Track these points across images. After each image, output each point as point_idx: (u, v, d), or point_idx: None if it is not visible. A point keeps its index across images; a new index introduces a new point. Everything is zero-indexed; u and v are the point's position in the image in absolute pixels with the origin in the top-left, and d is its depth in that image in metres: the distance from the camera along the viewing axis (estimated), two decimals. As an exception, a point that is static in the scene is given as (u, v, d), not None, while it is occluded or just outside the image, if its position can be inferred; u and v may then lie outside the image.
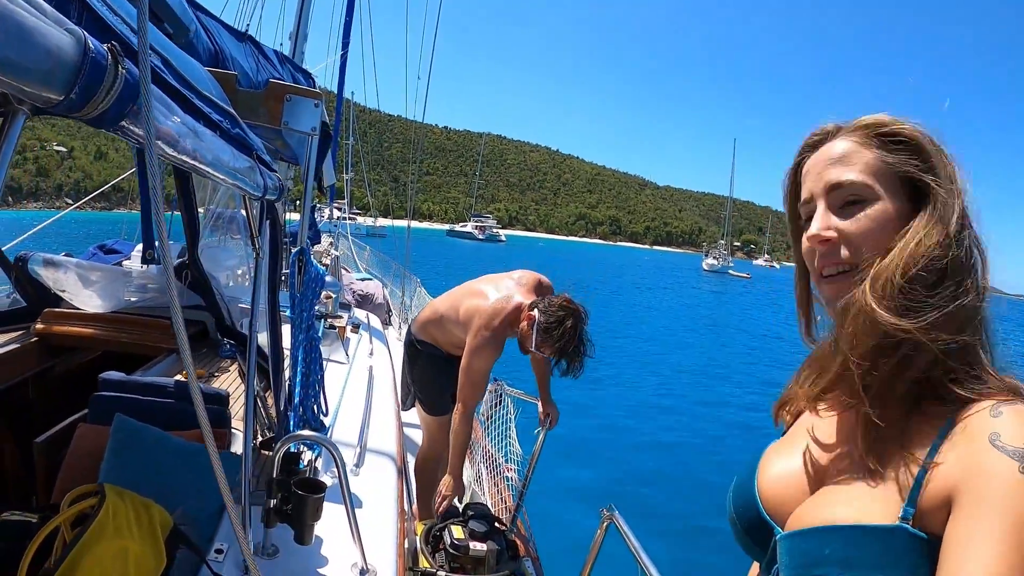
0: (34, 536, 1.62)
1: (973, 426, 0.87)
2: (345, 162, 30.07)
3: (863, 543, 0.90)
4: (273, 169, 2.15)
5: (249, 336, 2.21)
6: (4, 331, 3.62)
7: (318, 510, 2.06)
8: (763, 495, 1.14)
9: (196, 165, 1.34)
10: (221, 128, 1.62)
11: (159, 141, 1.09)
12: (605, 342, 21.31)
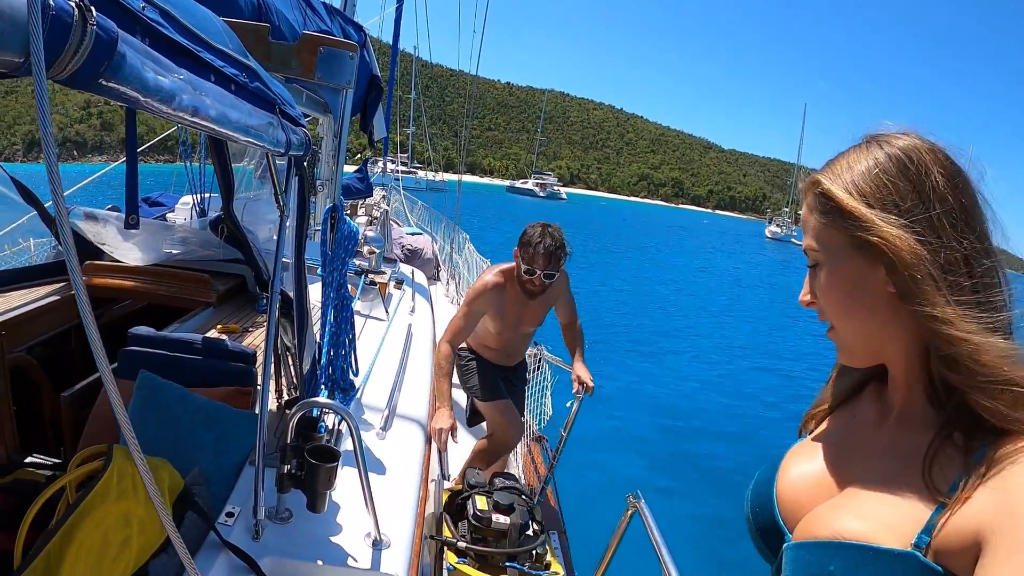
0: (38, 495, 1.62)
1: (1010, 465, 0.81)
2: (407, 116, 30.15)
3: (870, 564, 0.87)
4: (301, 124, 2.08)
5: (270, 296, 2.17)
6: (46, 283, 3.67)
7: (331, 479, 2.02)
8: (780, 498, 1.12)
9: (197, 122, 1.27)
10: (236, 82, 1.55)
11: (150, 99, 1.02)
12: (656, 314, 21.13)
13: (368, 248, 5.43)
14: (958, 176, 0.94)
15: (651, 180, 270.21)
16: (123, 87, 0.91)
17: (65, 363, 3.44)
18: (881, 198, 0.95)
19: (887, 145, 0.98)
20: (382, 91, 5.33)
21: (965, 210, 0.92)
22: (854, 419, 1.12)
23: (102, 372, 0.93)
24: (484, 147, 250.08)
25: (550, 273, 3.80)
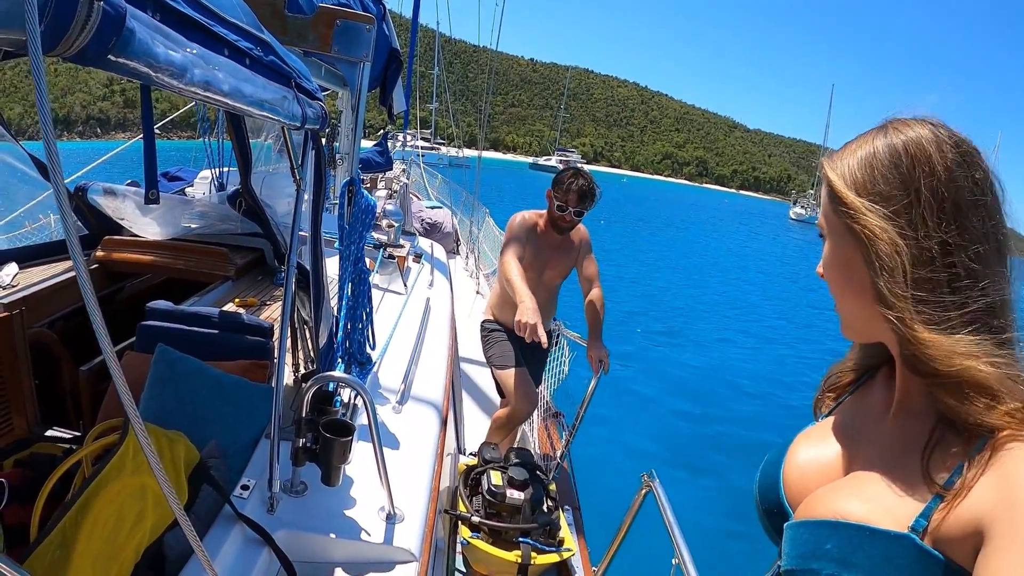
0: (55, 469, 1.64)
1: (1012, 454, 0.81)
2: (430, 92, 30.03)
3: (865, 544, 0.88)
4: (317, 97, 2.08)
5: (287, 269, 2.17)
6: (65, 258, 3.70)
7: (345, 453, 2.03)
8: (786, 481, 1.14)
9: (210, 96, 1.27)
10: (251, 56, 1.55)
11: (161, 74, 1.02)
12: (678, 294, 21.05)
13: (387, 221, 5.42)
14: (962, 174, 0.92)
15: (675, 159, 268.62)
16: (133, 62, 0.91)
17: (85, 338, 3.48)
18: (870, 188, 0.96)
19: (893, 134, 0.98)
20: (401, 65, 5.31)
21: (959, 206, 0.91)
22: (864, 405, 1.13)
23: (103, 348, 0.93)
24: (507, 124, 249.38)
25: (579, 211, 4.05)
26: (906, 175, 0.93)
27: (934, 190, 0.91)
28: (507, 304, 4.34)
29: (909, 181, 0.93)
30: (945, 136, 0.95)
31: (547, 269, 4.22)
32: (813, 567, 0.93)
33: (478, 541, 3.20)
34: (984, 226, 0.91)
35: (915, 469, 0.91)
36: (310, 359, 2.87)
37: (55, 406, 3.05)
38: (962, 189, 0.91)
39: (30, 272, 3.37)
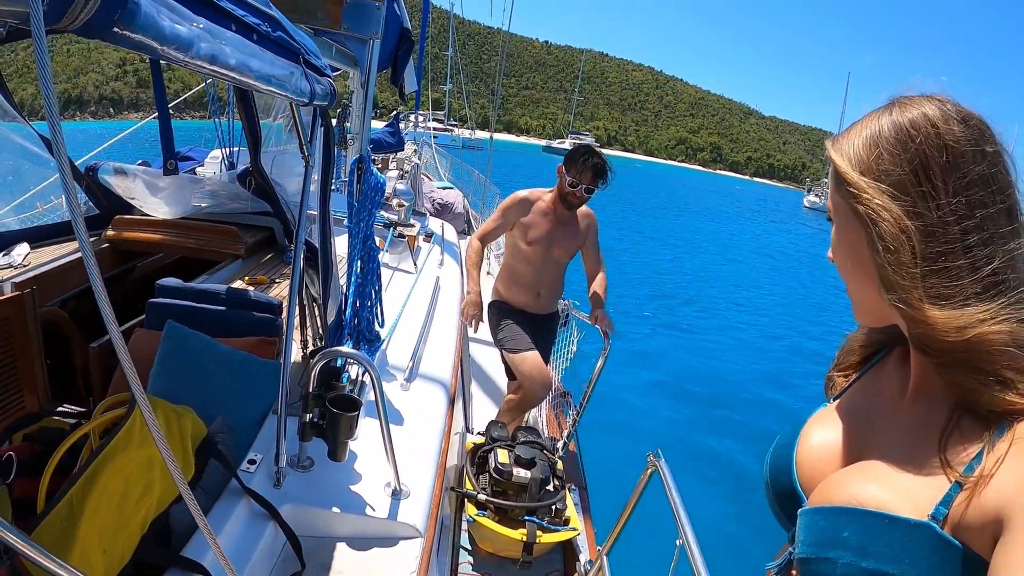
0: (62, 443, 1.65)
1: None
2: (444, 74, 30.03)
3: (885, 532, 0.86)
4: (325, 74, 2.08)
5: (295, 245, 2.19)
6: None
7: (351, 428, 2.05)
8: (799, 464, 1.12)
9: (217, 70, 1.27)
10: (258, 32, 1.55)
11: (167, 47, 1.02)
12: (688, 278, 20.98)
13: (397, 201, 5.43)
14: (971, 149, 0.90)
15: (689, 144, 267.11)
16: (138, 35, 0.91)
17: (96, 316, 3.50)
18: (875, 166, 0.94)
19: (899, 111, 0.95)
20: (413, 44, 5.30)
21: (970, 180, 0.88)
22: (878, 388, 1.11)
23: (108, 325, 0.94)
24: (521, 106, 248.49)
25: (591, 188, 4.09)
26: (912, 152, 0.91)
27: (942, 165, 0.89)
28: (514, 284, 4.36)
29: (915, 157, 0.91)
30: (952, 111, 0.92)
31: (554, 247, 4.21)
32: (830, 556, 0.92)
33: (484, 519, 3.21)
34: (996, 200, 0.89)
35: (933, 455, 0.89)
36: (318, 336, 2.89)
37: (66, 384, 3.07)
38: (971, 165, 0.89)
39: (41, 252, 3.39)
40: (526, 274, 4.31)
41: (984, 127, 0.91)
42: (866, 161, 0.95)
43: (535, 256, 4.20)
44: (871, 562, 0.86)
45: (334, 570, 1.91)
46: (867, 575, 0.86)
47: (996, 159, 0.90)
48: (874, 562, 0.86)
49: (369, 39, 2.64)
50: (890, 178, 0.91)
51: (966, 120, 0.91)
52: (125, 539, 1.54)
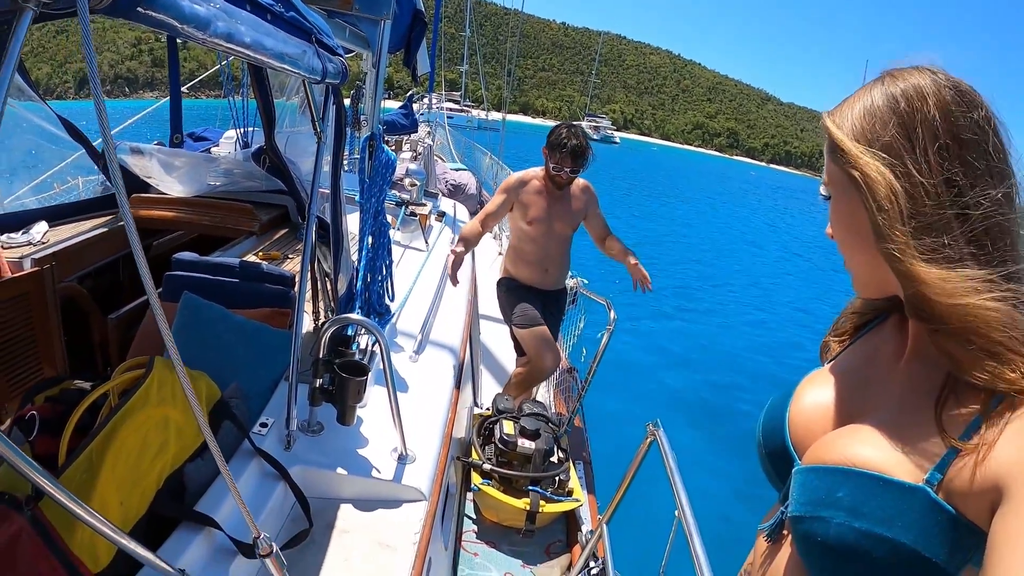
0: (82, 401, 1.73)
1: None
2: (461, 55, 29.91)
3: (878, 494, 0.88)
4: (337, 53, 2.14)
5: (307, 217, 2.25)
6: (95, 216, 3.81)
7: (359, 392, 2.12)
8: (792, 424, 1.13)
9: (232, 47, 1.34)
10: (272, 12, 1.61)
11: (186, 26, 1.09)
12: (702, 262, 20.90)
13: (409, 180, 5.49)
14: (961, 113, 0.92)
15: (706, 129, 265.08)
16: (160, 15, 0.98)
17: (113, 293, 3.59)
18: (869, 134, 0.96)
19: (891, 82, 0.98)
20: (426, 26, 5.33)
21: (961, 143, 0.91)
22: (873, 351, 1.12)
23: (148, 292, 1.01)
24: (537, 88, 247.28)
25: (575, 170, 4.20)
26: (904, 118, 0.94)
27: (933, 130, 0.92)
28: (521, 262, 4.43)
29: (907, 123, 0.93)
30: (943, 80, 0.95)
31: (555, 221, 4.28)
32: (823, 515, 0.93)
33: (489, 488, 3.30)
34: (988, 163, 0.91)
35: (928, 419, 0.90)
36: (330, 308, 2.96)
37: (83, 358, 3.16)
38: (962, 128, 0.91)
39: (59, 230, 3.47)
40: (532, 252, 4.37)
41: (974, 93, 0.94)
42: (859, 129, 0.98)
43: (538, 233, 4.27)
44: (863, 523, 0.88)
45: (340, 529, 1.98)
46: (859, 535, 0.88)
47: (985, 123, 0.92)
48: (867, 523, 0.87)
49: (381, 20, 2.68)
50: (882, 143, 0.94)
51: (956, 87, 0.94)
52: (141, 493, 1.62)
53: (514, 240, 4.47)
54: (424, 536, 2.03)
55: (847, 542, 0.89)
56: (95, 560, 1.45)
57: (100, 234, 3.57)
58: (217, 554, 1.66)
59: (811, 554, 0.95)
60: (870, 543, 0.86)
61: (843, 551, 0.89)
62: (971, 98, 0.93)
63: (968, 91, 0.94)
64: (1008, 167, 0.93)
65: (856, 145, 0.97)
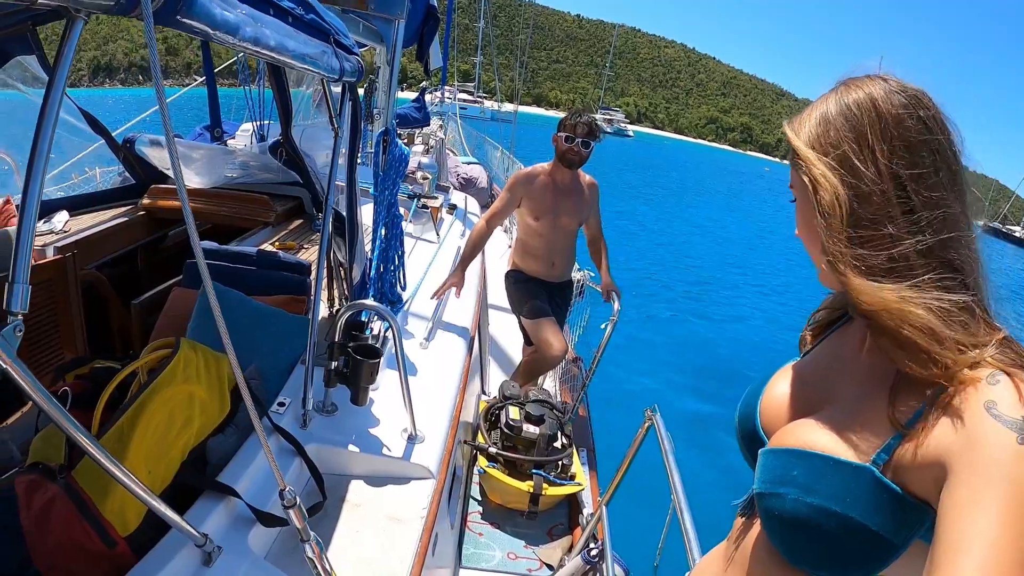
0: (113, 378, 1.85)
1: (969, 392, 0.88)
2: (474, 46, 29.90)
3: (828, 473, 0.96)
4: (354, 52, 2.25)
5: (324, 210, 2.35)
6: (115, 206, 3.94)
7: (372, 374, 2.24)
8: (763, 411, 1.22)
9: (259, 51, 1.45)
10: (292, 14, 1.72)
11: (218, 31, 1.21)
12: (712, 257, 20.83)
13: (421, 173, 5.60)
14: (908, 110, 0.98)
15: (720, 124, 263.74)
16: (196, 22, 1.10)
17: (131, 280, 3.72)
18: (823, 140, 1.03)
19: (845, 90, 1.04)
20: (439, 21, 5.41)
21: (909, 142, 0.97)
22: (840, 344, 1.20)
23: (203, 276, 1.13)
24: (551, 79, 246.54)
25: (587, 141, 4.22)
26: (855, 124, 1.00)
27: (882, 131, 0.97)
28: (528, 255, 4.51)
29: (857, 129, 1.00)
30: (894, 85, 1.01)
31: (561, 216, 4.34)
32: (780, 491, 1.01)
33: (494, 471, 3.41)
34: (935, 161, 0.97)
35: (881, 407, 0.96)
36: (344, 296, 3.08)
37: (102, 341, 3.28)
38: (909, 128, 0.97)
39: (81, 219, 3.59)
40: (539, 246, 4.43)
41: (922, 94, 1.00)
42: (814, 136, 1.04)
43: (544, 228, 4.34)
44: (816, 499, 0.95)
45: (352, 503, 2.10)
46: (812, 510, 0.96)
47: (933, 124, 0.98)
48: (819, 499, 0.95)
49: (395, 19, 2.78)
50: (835, 151, 1.01)
51: (905, 90, 1.00)
52: (167, 463, 1.73)
53: (521, 234, 4.54)
54: (431, 511, 2.14)
55: (801, 516, 0.97)
56: (124, 524, 1.56)
57: (120, 224, 3.69)
58: (237, 521, 1.77)
59: (772, 527, 1.05)
60: (822, 517, 0.95)
61: (798, 524, 0.98)
62: (919, 99, 0.99)
63: (916, 92, 1.00)
64: (958, 167, 0.99)
65: (810, 152, 1.03)
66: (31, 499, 1.47)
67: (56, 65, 0.97)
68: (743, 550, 1.19)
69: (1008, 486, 0.78)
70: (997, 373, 0.88)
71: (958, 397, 0.88)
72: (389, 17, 2.77)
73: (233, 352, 1.34)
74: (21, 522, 1.46)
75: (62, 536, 1.46)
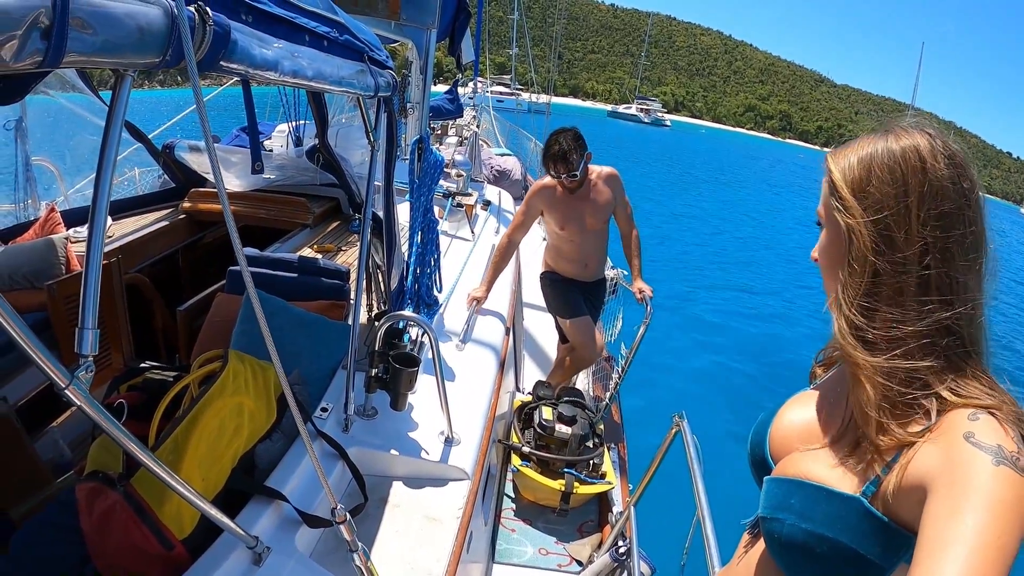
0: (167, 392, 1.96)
1: (951, 426, 0.95)
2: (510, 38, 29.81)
3: (822, 502, 1.05)
4: (388, 66, 2.33)
5: (362, 227, 2.44)
6: (157, 209, 4.08)
7: (411, 381, 2.35)
8: (772, 439, 1.31)
9: (298, 83, 1.54)
10: (328, 38, 1.80)
11: (259, 71, 1.29)
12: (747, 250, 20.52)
13: (456, 171, 5.67)
14: (951, 181, 1.01)
15: (758, 112, 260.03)
16: (237, 66, 1.18)
17: (174, 279, 3.85)
18: (864, 188, 1.06)
19: (893, 139, 1.08)
20: (470, 16, 5.43)
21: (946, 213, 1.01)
22: (843, 378, 1.26)
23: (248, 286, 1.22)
24: (587, 70, 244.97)
25: (572, 172, 4.12)
26: (898, 176, 1.03)
27: (923, 196, 1.01)
28: (561, 258, 4.54)
29: (900, 181, 1.02)
30: (940, 146, 1.03)
31: (586, 218, 4.33)
32: (780, 516, 1.10)
33: (527, 469, 3.49)
34: (966, 236, 1.01)
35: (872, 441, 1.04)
36: (382, 300, 3.17)
37: (147, 342, 3.40)
38: (950, 199, 1.01)
39: (124, 223, 3.72)
40: (570, 251, 4.46)
41: (966, 165, 1.04)
42: (858, 179, 1.08)
43: (573, 235, 4.35)
44: (810, 524, 1.05)
45: (392, 504, 2.20)
46: (807, 535, 1.05)
47: (972, 197, 1.03)
48: (813, 525, 1.05)
49: (426, 28, 2.84)
50: (875, 204, 1.05)
51: (951, 157, 1.03)
52: (219, 470, 1.84)
53: (551, 240, 4.57)
54: (467, 512, 2.23)
55: (797, 540, 1.07)
56: (181, 528, 1.67)
57: (162, 228, 3.82)
58: (284, 523, 1.88)
59: (773, 547, 1.14)
60: (815, 541, 1.04)
61: (795, 546, 1.08)
62: (963, 170, 1.03)
63: (961, 162, 1.04)
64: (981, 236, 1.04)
65: (852, 196, 1.08)
66: (92, 505, 1.57)
67: (109, 122, 1.04)
68: (748, 564, 1.29)
69: (984, 499, 0.85)
70: (978, 412, 0.95)
71: (940, 431, 0.95)
72: (421, 26, 2.83)
73: (279, 361, 1.42)
74: (81, 525, 1.57)
75: (122, 539, 1.56)
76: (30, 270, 3.14)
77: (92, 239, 1.07)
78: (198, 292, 3.30)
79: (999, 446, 0.89)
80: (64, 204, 4.33)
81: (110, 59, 0.89)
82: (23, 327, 0.92)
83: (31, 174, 4.20)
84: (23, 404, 2.63)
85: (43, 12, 0.74)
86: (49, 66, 0.80)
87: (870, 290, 1.05)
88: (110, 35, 0.86)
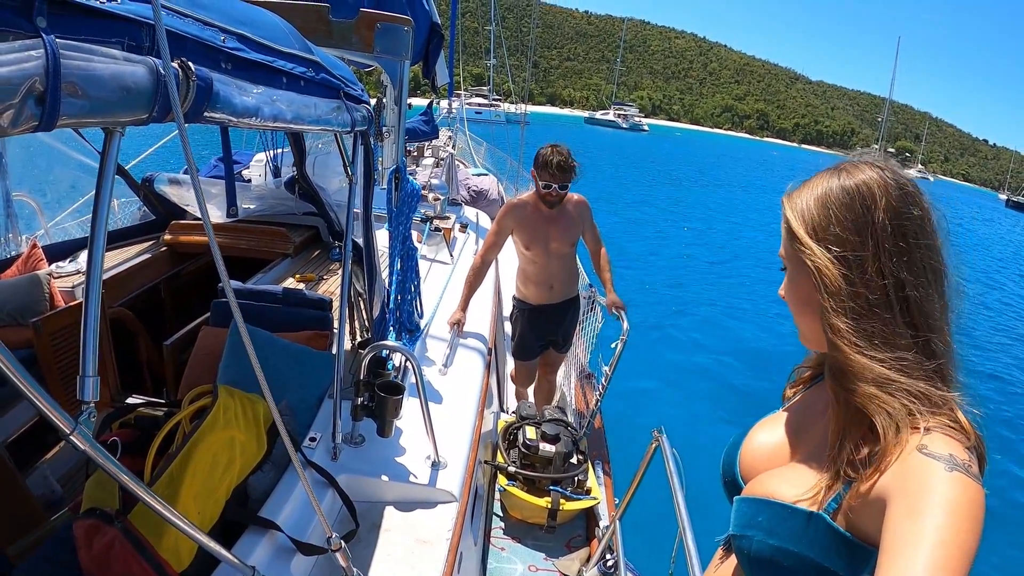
0: (160, 428, 2.01)
1: (906, 442, 1.00)
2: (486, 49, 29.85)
3: (787, 519, 1.12)
4: (364, 100, 2.38)
5: (343, 258, 2.50)
6: (138, 242, 4.11)
7: (397, 409, 2.41)
8: (742, 460, 1.38)
9: (279, 126, 1.60)
10: (304, 79, 1.85)
11: (241, 118, 1.34)
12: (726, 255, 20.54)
13: (433, 195, 5.73)
14: (907, 215, 1.08)
15: (735, 112, 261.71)
16: (220, 115, 1.23)
17: (157, 311, 3.88)
18: (823, 228, 1.12)
19: (846, 176, 1.13)
20: (443, 39, 5.45)
21: (906, 241, 1.07)
22: (813, 402, 1.34)
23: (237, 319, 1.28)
24: (563, 77, 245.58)
25: (564, 185, 4.23)
26: (859, 217, 1.08)
27: (882, 231, 1.07)
28: (528, 282, 4.60)
29: (862, 225, 1.08)
30: (891, 178, 1.10)
31: (551, 241, 4.39)
32: (748, 534, 1.17)
33: (513, 488, 3.56)
34: (924, 259, 1.08)
35: (834, 462, 1.11)
36: (365, 328, 3.22)
37: (133, 376, 3.43)
38: (906, 227, 1.07)
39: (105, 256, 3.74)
40: (535, 273, 4.52)
41: (917, 193, 1.11)
42: (817, 220, 1.14)
43: (537, 256, 4.41)
44: (777, 540, 1.12)
45: (383, 528, 2.25)
46: (774, 550, 1.12)
47: (925, 222, 1.09)
48: (779, 541, 1.12)
49: (400, 60, 2.89)
50: (837, 241, 1.11)
51: (902, 187, 1.10)
52: (214, 503, 1.90)
53: (519, 262, 4.62)
54: (456, 533, 2.29)
55: (765, 555, 1.14)
56: (179, 561, 1.73)
57: (144, 260, 3.86)
58: (279, 552, 1.94)
59: (743, 562, 1.22)
60: (782, 555, 1.12)
61: (764, 561, 1.15)
62: (914, 198, 1.10)
63: (912, 191, 1.10)
64: (939, 257, 1.10)
65: (811, 239, 1.14)
66: (91, 541, 1.61)
67: (101, 178, 1.08)
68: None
69: (941, 501, 0.91)
70: (934, 429, 1.00)
71: (896, 449, 1.01)
72: (395, 58, 2.87)
73: (270, 393, 1.46)
74: (80, 560, 1.60)
75: (122, 574, 1.60)
76: (14, 307, 3.16)
77: (89, 288, 1.12)
78: (181, 323, 3.34)
79: (951, 455, 0.95)
80: (45, 239, 4.32)
81: (100, 119, 0.92)
82: (23, 373, 0.94)
83: (12, 210, 4.19)
84: (11, 440, 2.66)
85: (37, 80, 0.77)
86: (44, 129, 0.83)
87: (854, 306, 1.09)
88: (100, 96, 0.89)
